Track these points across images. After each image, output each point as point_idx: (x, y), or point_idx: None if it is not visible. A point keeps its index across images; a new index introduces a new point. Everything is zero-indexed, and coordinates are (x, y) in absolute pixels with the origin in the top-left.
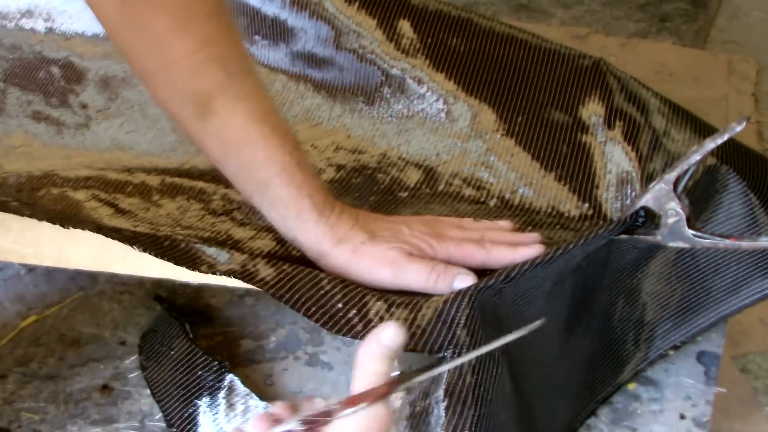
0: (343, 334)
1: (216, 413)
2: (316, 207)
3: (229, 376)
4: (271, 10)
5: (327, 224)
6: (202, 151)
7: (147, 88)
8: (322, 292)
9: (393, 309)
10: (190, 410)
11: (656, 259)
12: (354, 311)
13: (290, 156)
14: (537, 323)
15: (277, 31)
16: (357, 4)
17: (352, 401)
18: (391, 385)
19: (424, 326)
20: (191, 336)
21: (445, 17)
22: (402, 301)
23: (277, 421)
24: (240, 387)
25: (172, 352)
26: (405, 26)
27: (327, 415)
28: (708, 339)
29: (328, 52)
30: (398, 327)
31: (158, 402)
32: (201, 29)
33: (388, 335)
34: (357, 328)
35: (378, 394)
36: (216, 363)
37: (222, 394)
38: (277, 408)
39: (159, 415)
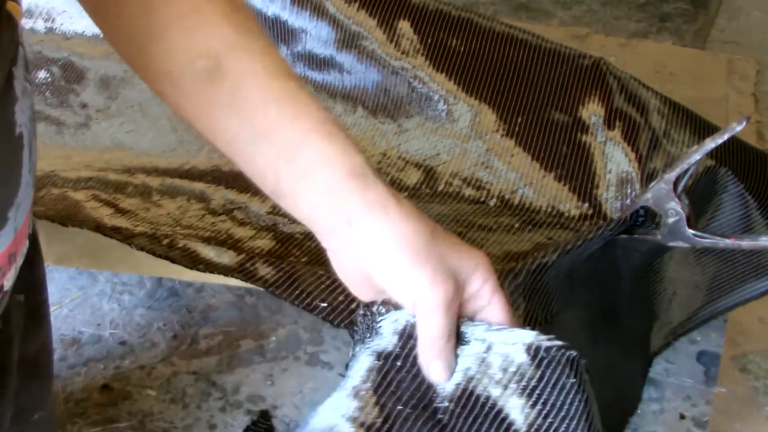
0: (345, 326)
1: None
2: (360, 153)
3: None
4: (272, 10)
5: (372, 171)
6: (217, 135)
7: (140, 67)
8: (323, 287)
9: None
10: None
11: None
12: (356, 303)
13: (323, 111)
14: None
15: (278, 33)
16: (357, 4)
17: None
18: None
19: None
20: None
21: (445, 17)
22: None
23: None
24: None
25: None
26: (405, 27)
27: None
28: (708, 339)
29: (328, 53)
30: None
31: None
32: None
33: None
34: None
35: None
36: None
37: None
38: None
39: (159, 415)
